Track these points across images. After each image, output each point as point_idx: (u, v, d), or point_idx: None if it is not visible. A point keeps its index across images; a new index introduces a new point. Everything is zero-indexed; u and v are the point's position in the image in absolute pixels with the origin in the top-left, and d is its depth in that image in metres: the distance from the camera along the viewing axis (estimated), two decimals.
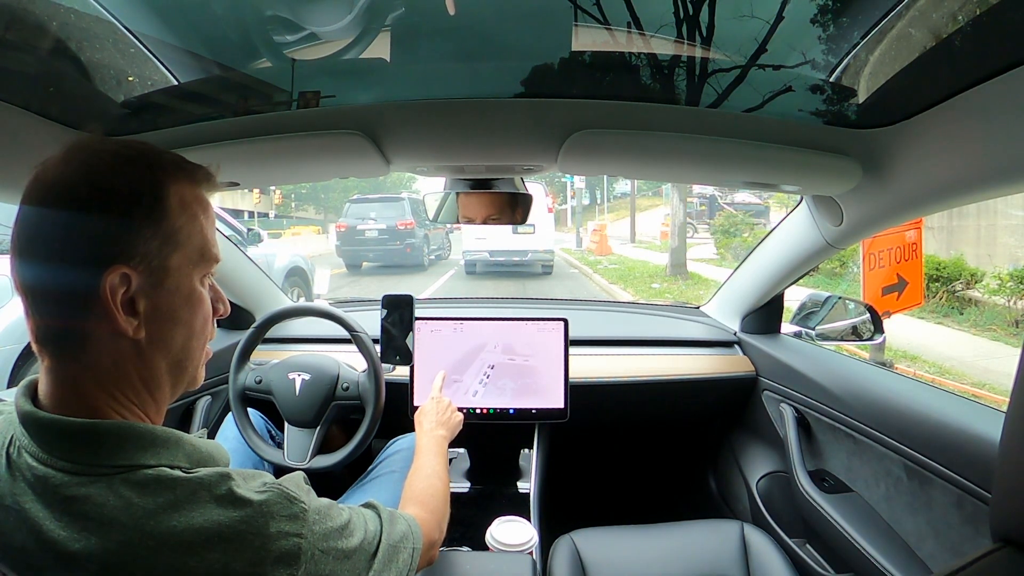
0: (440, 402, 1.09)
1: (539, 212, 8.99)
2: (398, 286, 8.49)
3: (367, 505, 0.62)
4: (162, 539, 0.42)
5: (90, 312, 0.45)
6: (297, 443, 1.09)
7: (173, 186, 0.48)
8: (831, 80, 0.71)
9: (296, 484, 0.49)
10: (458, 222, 1.11)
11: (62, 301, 0.45)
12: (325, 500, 0.52)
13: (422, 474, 0.85)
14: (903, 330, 5.09)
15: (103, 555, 0.41)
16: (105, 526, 0.42)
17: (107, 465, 0.44)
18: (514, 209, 1.07)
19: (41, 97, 0.68)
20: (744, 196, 17.05)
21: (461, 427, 1.08)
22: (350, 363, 1.17)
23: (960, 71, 0.59)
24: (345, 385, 1.12)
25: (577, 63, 0.72)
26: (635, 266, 10.62)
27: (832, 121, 0.76)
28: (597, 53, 0.72)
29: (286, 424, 1.11)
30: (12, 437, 0.47)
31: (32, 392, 0.48)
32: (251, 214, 19.88)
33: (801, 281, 1.34)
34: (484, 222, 1.09)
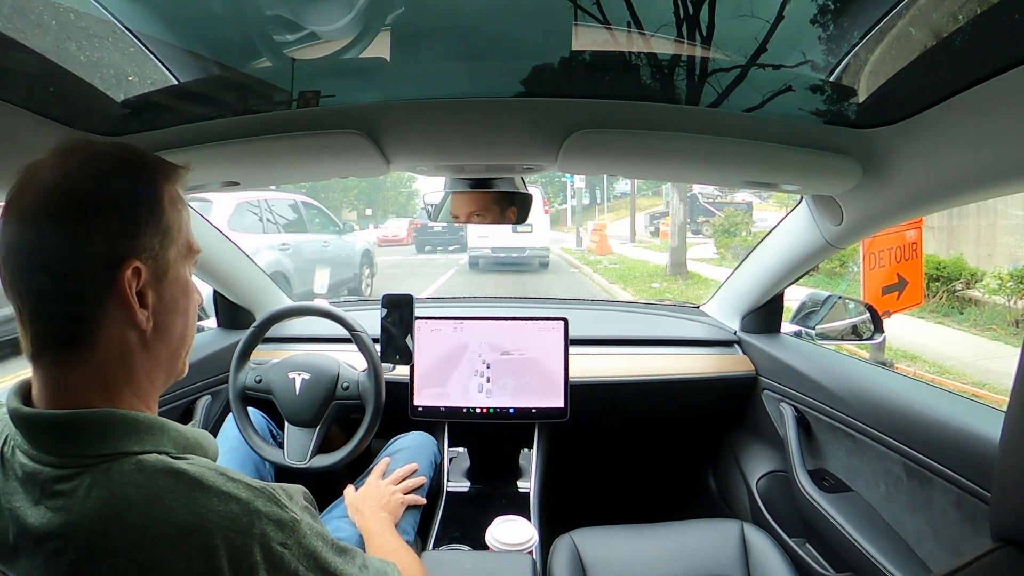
0: (378, 487, 1.04)
1: (536, 212, 9.22)
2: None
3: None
4: (143, 531, 0.42)
5: (105, 308, 0.46)
6: (297, 442, 1.09)
7: (165, 185, 0.51)
8: (831, 80, 0.71)
9: (286, 492, 0.50)
10: (457, 222, 1.11)
11: (75, 301, 0.46)
12: (312, 514, 0.53)
13: (385, 552, 0.81)
14: (903, 330, 5.09)
15: (84, 544, 0.41)
16: (87, 517, 0.42)
17: (91, 455, 0.44)
18: (514, 208, 1.07)
19: (41, 97, 0.68)
20: (724, 194, 17.12)
21: (404, 507, 1.03)
22: (350, 362, 1.17)
23: (960, 71, 0.59)
24: (345, 384, 1.12)
25: (577, 63, 0.72)
26: (635, 266, 10.61)
27: (832, 121, 0.76)
28: (597, 53, 0.72)
29: (286, 423, 1.11)
30: (7, 436, 0.48)
31: (25, 393, 0.48)
32: None
33: (801, 281, 1.33)
34: (478, 220, 1.08)
